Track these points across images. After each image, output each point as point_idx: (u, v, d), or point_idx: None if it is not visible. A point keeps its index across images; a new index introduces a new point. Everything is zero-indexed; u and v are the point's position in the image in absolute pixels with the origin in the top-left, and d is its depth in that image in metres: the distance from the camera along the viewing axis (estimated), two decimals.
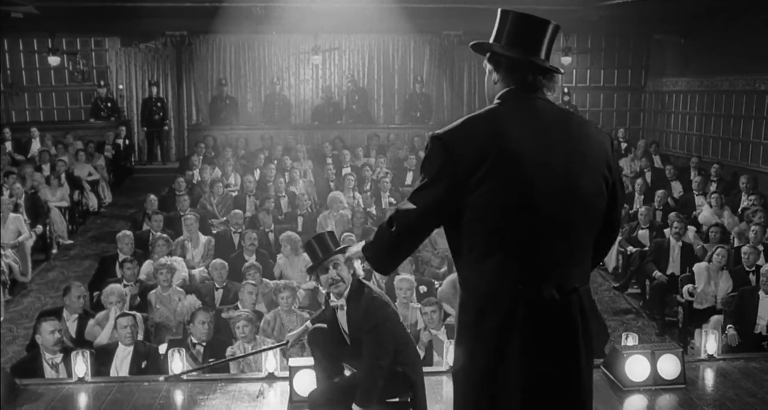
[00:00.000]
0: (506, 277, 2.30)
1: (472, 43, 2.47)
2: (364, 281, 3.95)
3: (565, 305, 2.32)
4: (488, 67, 2.46)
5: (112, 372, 5.40)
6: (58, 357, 5.33)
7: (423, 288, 6.96)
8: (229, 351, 5.68)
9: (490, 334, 2.32)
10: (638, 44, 15.13)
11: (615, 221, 2.55)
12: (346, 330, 3.96)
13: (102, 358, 5.34)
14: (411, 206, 2.35)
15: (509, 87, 2.39)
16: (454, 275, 7.09)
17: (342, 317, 3.96)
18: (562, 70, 2.48)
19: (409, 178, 11.70)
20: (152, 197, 9.62)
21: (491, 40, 2.42)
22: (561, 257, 2.33)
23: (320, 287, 4.03)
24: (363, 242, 2.62)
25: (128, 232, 8.25)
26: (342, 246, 3.90)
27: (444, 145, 2.30)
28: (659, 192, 10.05)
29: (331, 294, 3.97)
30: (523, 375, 2.31)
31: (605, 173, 2.40)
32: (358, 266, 3.86)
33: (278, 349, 4.99)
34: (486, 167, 2.24)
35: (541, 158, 2.28)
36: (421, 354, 5.58)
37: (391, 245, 2.45)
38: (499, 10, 2.43)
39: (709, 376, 4.95)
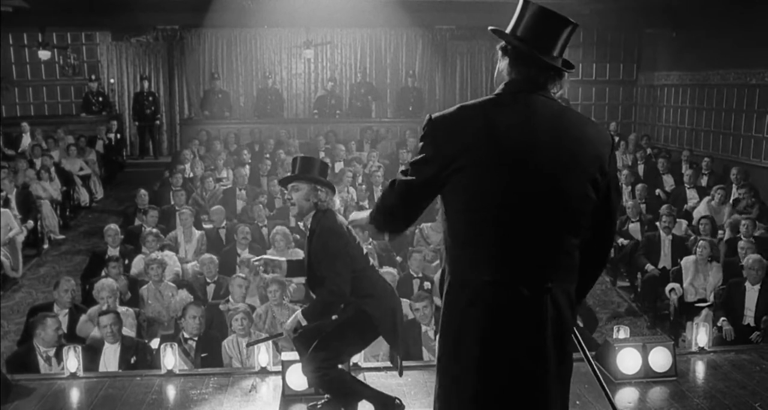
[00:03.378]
0: (477, 269, 2.31)
1: (491, 28, 2.44)
2: (333, 212, 3.95)
3: (535, 304, 2.31)
4: (500, 53, 2.44)
5: (101, 369, 5.38)
6: (52, 350, 5.34)
7: (427, 284, 6.98)
8: (223, 344, 5.69)
9: (453, 322, 2.37)
10: (630, 38, 15.15)
11: (608, 227, 2.51)
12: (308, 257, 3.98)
13: (90, 355, 5.33)
14: (409, 176, 2.39)
15: (512, 79, 2.38)
16: None
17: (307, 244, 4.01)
18: (572, 68, 2.44)
19: None
20: (143, 191, 9.60)
21: (508, 30, 2.39)
22: (536, 255, 2.31)
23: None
24: (369, 214, 2.67)
25: (114, 225, 8.23)
26: (314, 176, 3.90)
27: (433, 127, 2.34)
28: (639, 186, 10.08)
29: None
30: (478, 367, 2.32)
31: (596, 177, 2.36)
32: (327, 197, 3.90)
33: (271, 345, 5.00)
34: (466, 157, 2.26)
35: (525, 155, 2.27)
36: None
37: (393, 210, 2.48)
38: (521, 0, 2.40)
39: (700, 368, 4.99)
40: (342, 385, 3.97)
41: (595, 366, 2.85)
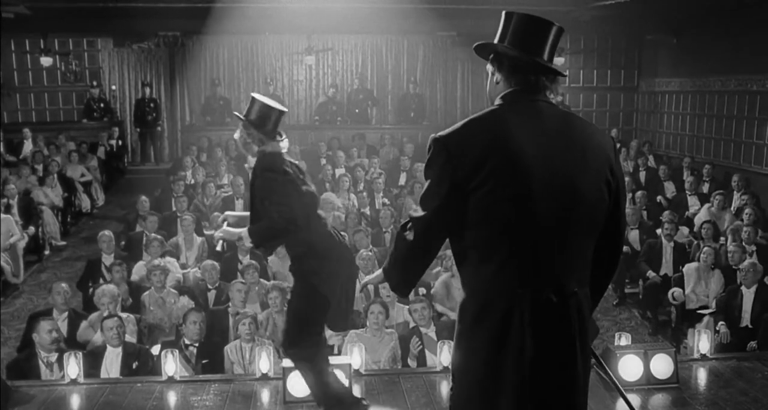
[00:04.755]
0: (505, 280, 2.29)
1: (475, 44, 2.45)
2: (276, 153, 3.88)
3: (564, 308, 2.32)
4: (490, 68, 2.44)
5: (103, 374, 5.38)
6: (53, 356, 5.35)
7: (422, 290, 6.97)
8: (226, 350, 5.68)
9: (488, 336, 2.32)
10: (631, 44, 15.17)
11: (619, 228, 2.51)
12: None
13: (91, 361, 5.33)
14: (421, 212, 2.35)
15: (511, 88, 2.37)
16: (446, 276, 7.11)
17: None
18: (566, 73, 2.46)
19: (402, 178, 11.69)
20: (143, 198, 9.60)
21: (495, 41, 2.40)
22: (560, 261, 2.32)
23: None
24: (382, 269, 2.61)
25: (108, 232, 8.23)
26: (248, 118, 3.85)
27: (444, 147, 2.29)
28: (639, 193, 10.07)
29: None
30: (518, 377, 2.30)
31: (608, 178, 2.37)
32: (260, 140, 3.85)
33: (273, 350, 5.01)
34: (486, 170, 2.23)
35: (541, 162, 2.26)
36: (413, 363, 5.59)
37: (412, 253, 2.42)
38: (503, 12, 2.41)
39: (701, 376, 4.98)
40: (312, 368, 3.98)
41: (610, 373, 2.86)
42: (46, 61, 13.79)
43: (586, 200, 2.32)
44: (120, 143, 14.12)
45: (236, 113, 3.99)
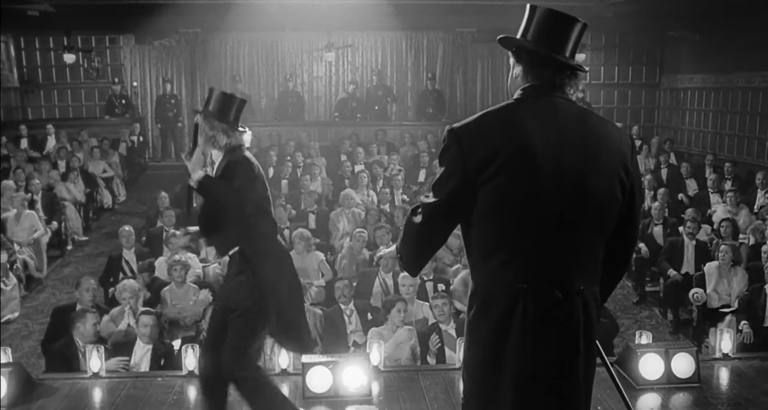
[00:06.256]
0: (509, 275, 2.30)
1: (499, 37, 2.44)
2: (242, 149, 3.79)
3: (569, 306, 2.31)
4: (512, 60, 2.44)
5: (131, 364, 5.48)
6: (90, 346, 5.42)
7: (441, 286, 6.97)
8: None
9: (489, 331, 2.34)
10: (653, 41, 15.02)
11: (632, 227, 2.49)
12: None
13: (121, 353, 5.43)
14: (431, 199, 2.37)
15: (529, 83, 2.37)
16: (465, 273, 7.10)
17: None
18: (586, 68, 2.43)
19: (422, 175, 11.68)
20: (163, 194, 9.68)
21: (518, 35, 2.39)
22: (567, 258, 2.31)
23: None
24: (395, 245, 2.62)
25: (128, 227, 8.32)
26: (206, 110, 3.74)
27: (457, 139, 2.30)
28: (661, 190, 9.97)
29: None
30: (517, 372, 2.31)
31: (621, 177, 2.36)
32: (221, 134, 3.72)
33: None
34: (496, 164, 2.24)
35: (553, 158, 2.26)
36: (432, 360, 5.60)
37: (418, 237, 2.45)
38: (527, 5, 2.40)
39: (723, 375, 4.92)
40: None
41: (613, 372, 2.83)
42: (69, 58, 13.92)
43: (596, 199, 2.31)
44: (141, 139, 14.23)
45: (195, 108, 3.88)
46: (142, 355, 5.55)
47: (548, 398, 2.34)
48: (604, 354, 2.76)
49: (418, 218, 2.40)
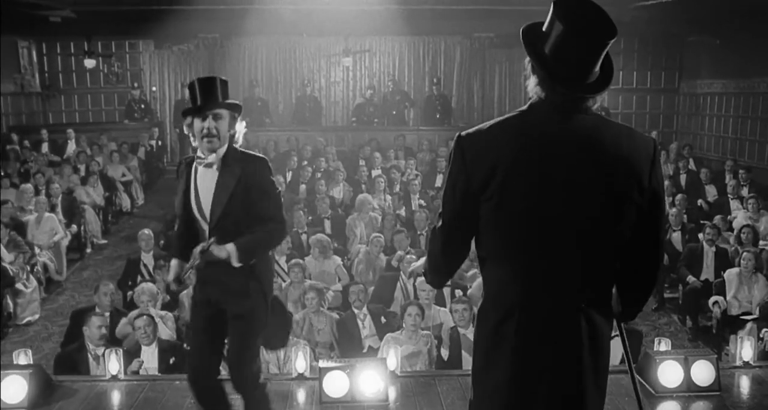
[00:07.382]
0: (508, 288, 2.28)
1: (523, 28, 2.27)
2: (242, 149, 3.55)
3: (567, 322, 2.27)
4: (528, 68, 2.31)
5: (142, 371, 5.49)
6: (101, 350, 5.49)
7: (458, 292, 6.97)
8: (262, 349, 5.71)
9: (486, 339, 2.34)
10: (672, 46, 14.92)
11: (654, 246, 2.37)
12: (213, 187, 3.46)
13: (128, 358, 5.47)
14: (439, 222, 2.37)
15: (539, 96, 2.26)
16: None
17: (207, 174, 3.49)
18: (609, 83, 2.25)
19: (439, 180, 11.66)
20: None
21: (543, 27, 2.22)
22: (569, 275, 2.26)
23: (189, 135, 3.50)
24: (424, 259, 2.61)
25: (147, 231, 8.39)
26: (232, 101, 3.46)
27: (461, 151, 2.26)
28: (679, 196, 9.88)
29: (200, 149, 3.47)
30: (509, 383, 2.30)
31: (632, 196, 2.24)
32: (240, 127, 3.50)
33: (308, 352, 5.03)
34: (496, 180, 2.20)
35: (558, 173, 2.20)
36: (446, 354, 5.60)
37: (440, 257, 2.44)
38: (552, 4, 2.18)
39: (744, 383, 4.86)
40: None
41: (637, 380, 2.80)
42: (89, 63, 14.09)
43: (601, 217, 2.23)
44: (160, 143, 14.35)
45: (230, 101, 3.47)
46: (149, 357, 5.58)
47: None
48: (631, 362, 2.72)
49: (436, 241, 2.40)
